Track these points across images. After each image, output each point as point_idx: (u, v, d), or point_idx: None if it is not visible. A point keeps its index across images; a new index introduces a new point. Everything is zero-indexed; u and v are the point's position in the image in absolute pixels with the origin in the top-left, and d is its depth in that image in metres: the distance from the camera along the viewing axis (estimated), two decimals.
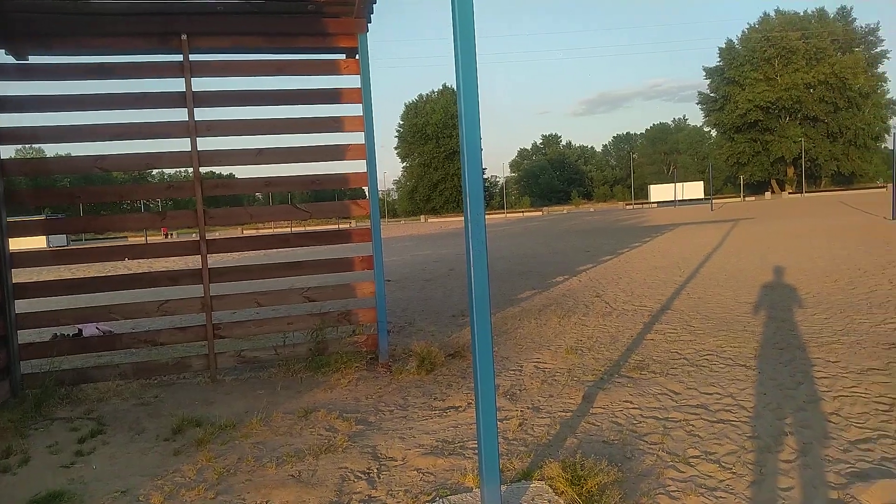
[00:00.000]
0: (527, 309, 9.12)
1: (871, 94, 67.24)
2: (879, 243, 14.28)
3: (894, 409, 4.15)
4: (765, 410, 4.26)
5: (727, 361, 5.58)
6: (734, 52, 70.53)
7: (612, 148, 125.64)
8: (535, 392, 5.07)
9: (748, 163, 71.31)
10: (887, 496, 2.99)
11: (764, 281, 10.15)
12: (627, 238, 22.88)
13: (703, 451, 3.63)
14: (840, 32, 67.73)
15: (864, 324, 6.71)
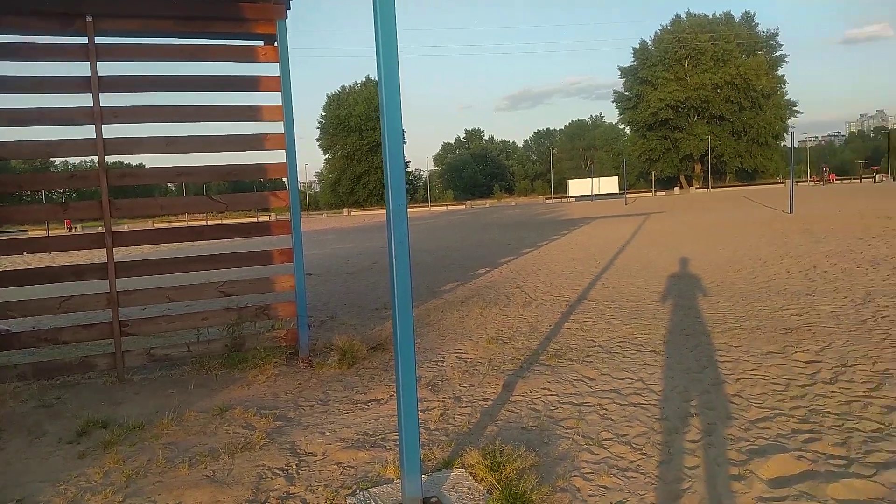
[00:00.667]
0: (450, 301, 9.19)
1: (772, 94, 71.73)
2: (778, 235, 15.29)
3: (789, 389, 4.46)
4: (673, 393, 4.49)
5: (638, 348, 5.83)
6: (647, 53, 73.48)
7: (532, 143, 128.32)
8: (457, 382, 5.13)
9: (659, 159, 74.61)
10: (781, 469, 3.22)
11: (672, 271, 10.67)
12: (547, 231, 23.46)
13: (616, 434, 3.79)
14: (745, 36, 71.84)
15: (764, 310, 7.17)
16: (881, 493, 2.91)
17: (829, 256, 10.98)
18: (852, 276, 8.87)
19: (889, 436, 3.54)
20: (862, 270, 9.30)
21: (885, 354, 5.10)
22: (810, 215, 20.26)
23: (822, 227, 16.08)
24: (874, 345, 5.41)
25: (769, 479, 3.11)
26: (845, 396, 4.22)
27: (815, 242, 13.17)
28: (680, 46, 69.62)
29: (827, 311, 6.88)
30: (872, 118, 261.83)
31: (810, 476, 3.12)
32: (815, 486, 3.01)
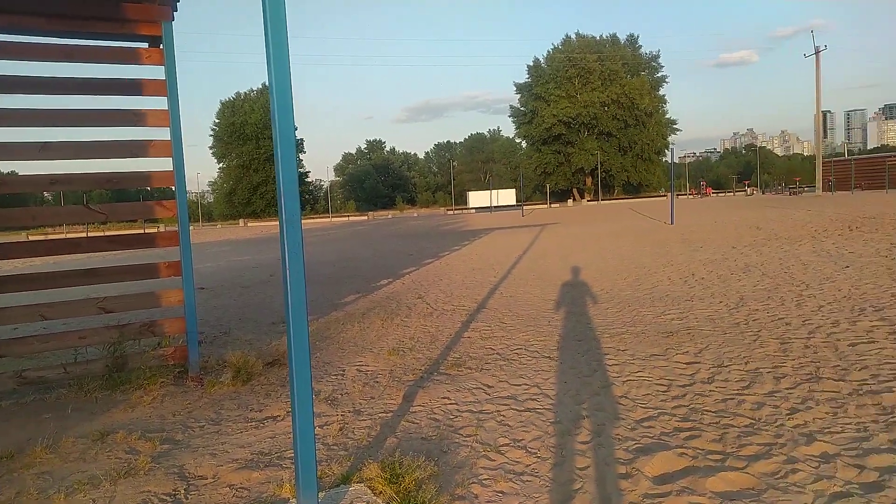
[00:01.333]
0: (351, 313, 9.07)
1: (654, 113, 76.68)
2: (661, 245, 16.29)
3: (671, 389, 4.74)
4: (566, 397, 4.65)
5: (534, 354, 6.01)
6: (541, 70, 76.41)
7: (433, 155, 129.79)
8: (357, 395, 5.06)
9: (553, 172, 77.64)
10: (665, 466, 3.41)
11: (566, 279, 11.09)
12: (448, 242, 23.74)
13: (512, 439, 3.87)
14: (629, 57, 76.42)
15: (648, 315, 7.59)
16: (752, 484, 3.15)
17: (705, 264, 11.82)
18: (727, 282, 9.59)
19: (759, 430, 3.83)
20: (735, 277, 10.07)
21: (755, 354, 5.54)
22: (689, 226, 21.73)
23: (700, 237, 17.29)
24: (746, 346, 5.86)
25: (654, 476, 3.29)
26: (721, 395, 4.54)
27: (693, 251, 14.13)
28: (570, 65, 72.95)
29: (704, 315, 7.39)
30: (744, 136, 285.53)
31: (691, 471, 3.32)
32: (696, 480, 3.21)
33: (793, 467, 3.29)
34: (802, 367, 5.05)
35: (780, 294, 8.29)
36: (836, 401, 4.23)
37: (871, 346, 5.49)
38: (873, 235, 14.30)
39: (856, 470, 3.22)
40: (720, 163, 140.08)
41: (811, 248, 13.05)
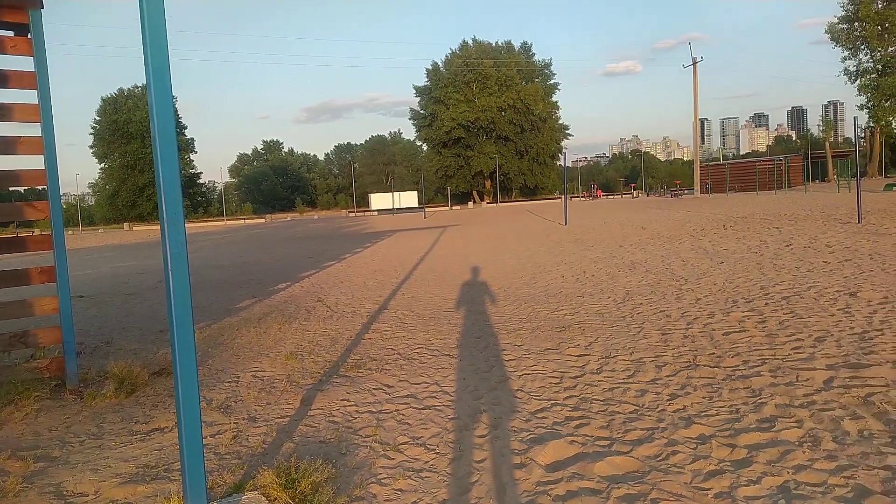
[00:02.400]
0: (246, 318, 8.77)
1: (548, 118, 79.54)
2: (555, 244, 16.92)
3: (563, 381, 4.93)
4: (464, 393, 4.73)
5: (434, 353, 6.06)
6: (439, 74, 77.30)
7: (334, 157, 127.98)
8: (252, 401, 4.90)
9: (454, 175, 78.75)
10: (557, 454, 3.55)
11: (466, 279, 11.28)
12: (350, 244, 23.48)
13: (412, 437, 3.89)
14: (524, 64, 78.85)
15: (543, 312, 7.86)
16: (637, 467, 3.34)
17: (596, 262, 12.40)
18: (614, 279, 10.10)
19: (642, 415, 4.07)
20: (622, 273, 10.63)
21: (639, 345, 5.87)
22: (581, 227, 22.73)
23: (591, 237, 18.13)
24: (631, 337, 6.20)
25: (546, 464, 3.41)
26: (609, 384, 4.78)
27: (584, 250, 14.79)
28: (468, 70, 74.29)
29: (594, 309, 7.75)
30: (630, 141, 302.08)
31: (581, 458, 3.48)
32: (585, 466, 3.37)
33: (673, 449, 3.51)
34: (681, 355, 5.41)
35: (662, 289, 8.84)
36: (712, 386, 4.57)
37: (743, 335, 5.97)
38: (745, 233, 15.56)
39: (728, 449, 3.49)
40: (609, 167, 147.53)
41: (690, 245, 14.01)
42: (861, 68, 53.50)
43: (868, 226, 15.26)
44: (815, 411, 3.92)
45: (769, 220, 18.61)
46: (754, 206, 26.03)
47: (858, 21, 51.77)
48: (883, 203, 23.05)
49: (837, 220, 17.43)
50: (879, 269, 8.99)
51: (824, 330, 5.90)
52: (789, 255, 11.21)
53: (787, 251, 11.79)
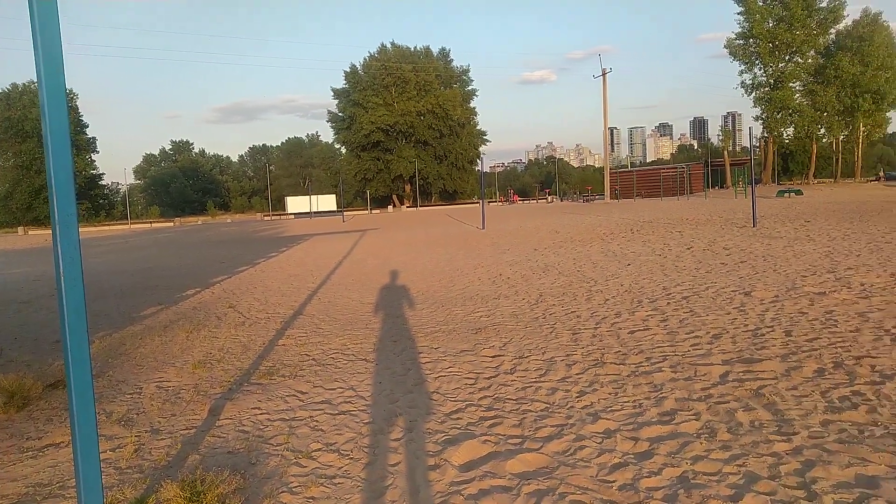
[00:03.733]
0: (151, 326, 8.36)
1: (467, 124, 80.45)
2: (472, 248, 17.14)
3: (478, 381, 5.00)
4: (380, 397, 4.70)
5: (350, 357, 6.00)
6: (358, 77, 76.60)
7: (248, 159, 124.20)
8: (156, 413, 4.67)
9: (373, 179, 78.17)
10: (470, 454, 3.59)
11: (384, 283, 11.23)
12: (265, 248, 22.85)
13: (325, 444, 3.83)
14: (442, 69, 79.39)
15: (460, 314, 7.95)
16: (546, 463, 3.43)
17: (511, 265, 12.66)
18: (529, 281, 10.35)
19: (553, 413, 4.19)
20: (536, 276, 10.91)
21: (551, 345, 6.04)
22: (498, 231, 23.15)
23: (507, 241, 18.49)
24: (544, 337, 6.37)
25: (460, 464, 3.45)
26: (522, 383, 4.88)
27: (501, 254, 15.07)
28: (387, 74, 74.03)
29: (509, 311, 7.91)
30: (545, 148, 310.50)
31: (493, 456, 3.54)
32: (497, 464, 3.42)
33: (580, 444, 3.63)
34: (590, 354, 5.61)
35: (573, 290, 9.13)
36: (618, 382, 4.76)
37: (646, 333, 6.26)
38: (650, 237, 16.33)
39: (632, 442, 3.64)
40: (525, 173, 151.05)
41: (600, 249, 14.55)
42: (756, 82, 57.40)
43: (762, 229, 16.38)
44: (712, 404, 4.16)
45: (672, 225, 19.62)
46: (659, 212, 27.36)
47: (753, 38, 55.56)
48: (775, 208, 24.82)
49: (734, 224, 18.61)
50: (772, 270, 9.66)
51: (721, 327, 6.27)
52: (690, 258, 11.85)
53: (689, 253, 12.47)
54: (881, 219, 17.55)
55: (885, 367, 4.67)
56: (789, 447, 3.42)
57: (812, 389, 4.30)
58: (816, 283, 8.28)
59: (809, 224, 17.19)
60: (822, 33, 55.44)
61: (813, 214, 20.53)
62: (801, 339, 5.63)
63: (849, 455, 3.27)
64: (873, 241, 12.57)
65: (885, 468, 3.11)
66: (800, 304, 7.13)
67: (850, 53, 54.16)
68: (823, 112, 56.53)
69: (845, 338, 5.57)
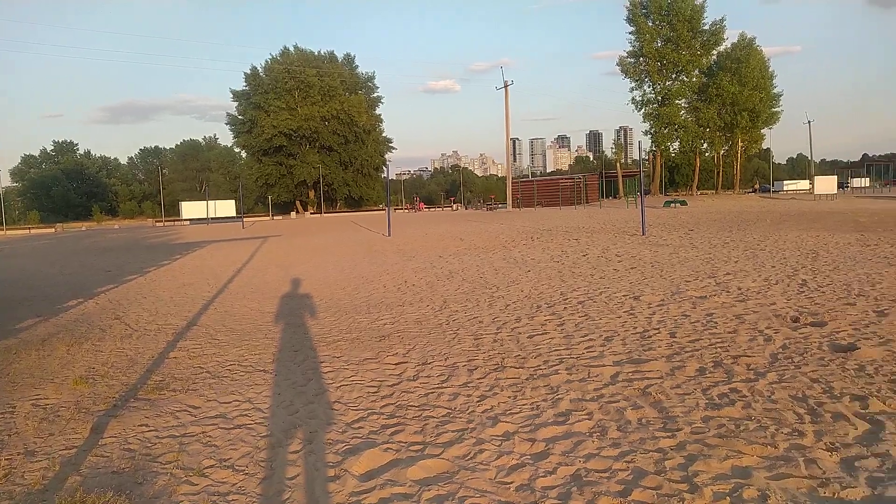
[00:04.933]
0: (26, 340, 7.70)
1: (372, 131, 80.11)
2: (378, 255, 17.06)
3: (381, 389, 4.97)
4: (279, 409, 4.58)
5: (248, 369, 5.80)
6: (259, 79, 74.38)
7: (139, 161, 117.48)
8: (31, 434, 4.31)
9: (275, 184, 76.07)
10: (371, 463, 3.56)
11: (286, 291, 10.95)
12: (157, 256, 21.65)
13: (219, 459, 3.67)
14: (347, 75, 78.67)
15: (364, 322, 7.88)
16: (447, 468, 3.46)
17: (416, 272, 12.71)
18: (434, 288, 10.43)
19: (454, 418, 4.23)
20: (441, 282, 11.01)
21: (454, 350, 6.11)
22: (404, 238, 23.18)
23: (413, 248, 18.56)
24: (447, 343, 6.43)
25: (361, 474, 3.41)
26: (425, 389, 4.91)
27: (406, 261, 15.10)
28: (290, 77, 72.42)
29: (413, 318, 7.93)
30: (450, 157, 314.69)
31: (395, 464, 3.53)
32: (398, 472, 3.42)
33: (480, 448, 3.70)
34: (491, 358, 5.72)
35: (476, 296, 9.30)
36: (517, 385, 4.88)
37: (545, 337, 6.46)
38: (549, 244, 16.91)
39: (529, 443, 3.75)
40: (431, 180, 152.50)
41: (502, 255, 14.90)
42: (645, 98, 60.85)
43: (651, 237, 17.37)
44: (604, 404, 4.36)
45: (570, 233, 20.42)
46: (558, 220, 28.41)
47: (643, 56, 58.92)
48: (663, 218, 26.40)
49: (626, 232, 19.62)
50: (658, 276, 10.26)
51: (612, 330, 6.59)
52: (585, 264, 12.38)
53: (584, 260, 13.02)
54: (756, 228, 19.10)
55: (758, 366, 5.07)
56: (674, 443, 3.64)
57: (694, 387, 4.60)
58: (698, 288, 8.88)
59: (693, 232, 18.43)
60: (705, 54, 59.64)
61: (696, 224, 22.01)
62: (684, 340, 6.02)
63: (726, 448, 3.52)
64: (749, 248, 13.65)
65: (757, 459, 3.37)
66: (683, 307, 7.62)
67: (730, 74, 58.56)
68: (706, 128, 60.75)
69: (724, 338, 6.00)
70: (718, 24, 58.82)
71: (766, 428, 3.78)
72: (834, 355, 5.27)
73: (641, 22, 58.83)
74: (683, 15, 56.85)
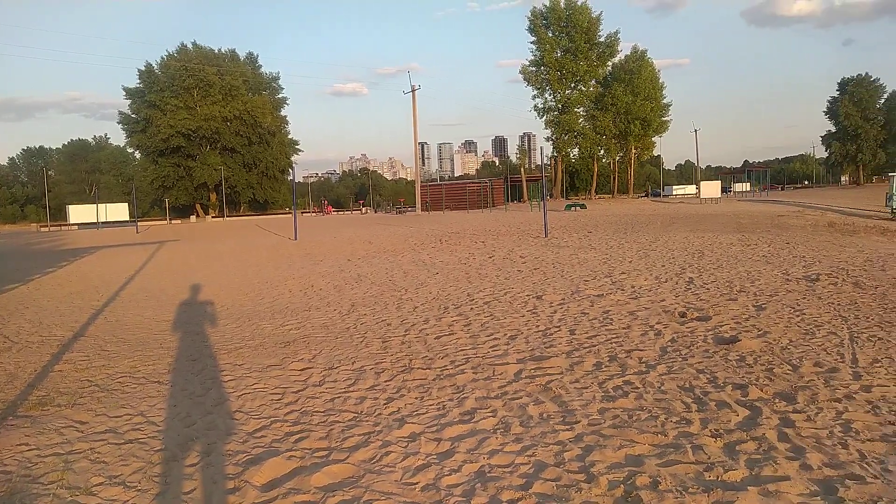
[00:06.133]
0: None
1: (277, 132, 77.98)
2: (284, 259, 16.65)
3: (285, 396, 4.86)
4: (174, 421, 4.37)
5: (141, 381, 5.50)
6: (154, 77, 70.63)
7: (21, 162, 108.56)
8: None
9: (173, 186, 72.45)
10: (274, 472, 3.47)
11: (184, 298, 10.47)
12: (41, 263, 20.05)
13: (108, 477, 3.46)
14: (250, 75, 76.19)
15: (268, 328, 7.67)
16: (352, 472, 3.43)
17: (324, 276, 12.51)
18: (341, 292, 10.31)
19: (361, 422, 4.20)
20: (349, 286, 10.90)
21: (361, 354, 6.07)
22: (311, 242, 22.74)
23: (320, 252, 18.25)
24: (354, 347, 6.38)
25: (262, 484, 3.32)
26: (331, 394, 4.84)
27: (313, 265, 14.83)
28: (188, 76, 69.22)
29: (320, 322, 7.81)
30: (359, 160, 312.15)
31: (298, 472, 3.46)
32: (302, 479, 3.35)
33: (387, 450, 3.69)
34: (399, 360, 5.73)
35: (385, 299, 9.27)
36: (424, 386, 4.92)
37: (451, 338, 6.54)
38: (457, 247, 17.13)
39: (435, 443, 3.78)
40: (340, 184, 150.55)
41: (411, 258, 14.95)
42: (547, 106, 63.03)
43: (553, 240, 17.98)
44: (507, 401, 4.47)
45: (477, 235, 20.78)
46: (465, 223, 28.83)
47: (544, 66, 61.03)
48: (564, 221, 27.38)
49: (530, 235, 20.20)
50: (560, 276, 10.63)
51: (516, 329, 6.77)
52: (491, 266, 12.64)
53: (490, 262, 13.29)
54: (648, 230, 20.20)
55: (650, 359, 5.37)
56: (572, 435, 3.79)
57: (591, 381, 4.81)
58: (596, 287, 9.28)
59: (591, 235, 19.24)
60: (601, 65, 62.59)
61: (594, 226, 23.00)
62: (582, 336, 6.28)
63: (620, 438, 3.71)
64: (642, 248, 14.42)
65: (649, 447, 3.57)
66: (582, 305, 7.94)
67: (624, 84, 61.69)
68: (602, 135, 63.70)
69: (619, 334, 6.31)
70: (613, 37, 61.88)
71: (656, 417, 4.01)
72: (717, 347, 5.67)
73: (542, 32, 60.90)
74: (581, 27, 59.40)
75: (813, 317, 6.77)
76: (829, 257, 11.78)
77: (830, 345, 5.61)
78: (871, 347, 5.47)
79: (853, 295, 7.94)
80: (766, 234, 17.30)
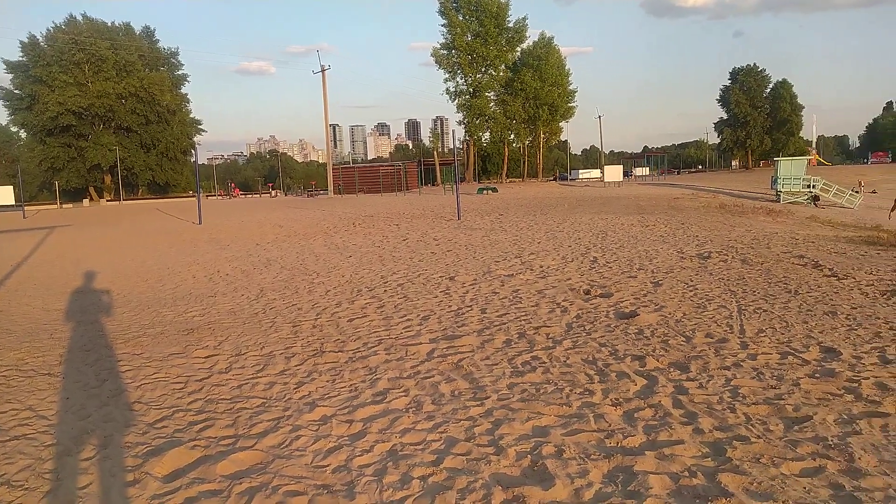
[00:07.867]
0: None
1: (178, 111, 73.99)
2: (187, 244, 15.92)
3: (188, 385, 4.67)
4: (67, 415, 4.11)
5: (29, 374, 5.12)
6: (40, 50, 65.16)
7: None
8: None
9: (63, 168, 67.42)
10: (176, 463, 3.34)
11: (77, 286, 9.83)
12: None
13: None
14: (146, 50, 71.74)
15: (169, 315, 7.33)
16: (260, 458, 3.35)
17: (231, 261, 12.08)
18: (250, 277, 9.99)
19: (269, 407, 4.11)
20: (258, 271, 10.58)
21: (270, 339, 5.92)
22: (217, 226, 21.88)
23: (227, 236, 17.60)
24: (263, 332, 6.21)
25: (164, 475, 3.19)
26: (238, 381, 4.70)
27: (220, 249, 14.28)
28: (78, 49, 64.30)
29: (227, 308, 7.54)
30: (268, 142, 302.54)
31: (203, 461, 3.34)
32: (207, 468, 3.24)
33: (297, 434, 3.63)
34: (310, 344, 5.64)
35: (296, 283, 9.08)
36: (336, 369, 4.86)
37: (364, 320, 6.50)
38: (370, 230, 17.00)
39: (346, 425, 3.76)
40: (247, 166, 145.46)
41: (323, 242, 14.70)
42: (458, 90, 63.35)
43: (465, 222, 18.18)
44: (420, 380, 4.50)
45: (390, 219, 20.69)
46: (379, 206, 28.63)
47: (455, 49, 61.21)
48: (476, 204, 27.76)
49: (443, 217, 20.34)
50: (472, 257, 10.78)
51: (429, 309, 6.82)
52: (405, 248, 12.64)
53: (404, 244, 13.29)
54: (556, 212, 20.83)
55: (556, 335, 5.56)
56: (482, 410, 3.87)
57: (501, 358, 4.93)
58: (506, 267, 9.49)
59: (503, 217, 19.62)
60: (510, 50, 63.47)
61: (505, 209, 23.46)
62: (493, 315, 6.41)
63: (528, 411, 3.82)
64: (550, 230, 14.85)
65: (555, 418, 3.71)
66: (493, 285, 8.10)
67: (532, 70, 62.86)
68: (512, 120, 64.80)
69: (528, 312, 6.49)
70: (521, 23, 62.86)
71: (561, 390, 4.16)
72: (618, 322, 5.94)
73: (452, 16, 60.97)
74: (490, 11, 59.95)
75: (705, 291, 7.23)
76: (719, 236, 12.60)
77: (720, 317, 6.01)
78: (757, 319, 5.91)
79: (741, 271, 8.53)
80: (663, 215, 18.25)
